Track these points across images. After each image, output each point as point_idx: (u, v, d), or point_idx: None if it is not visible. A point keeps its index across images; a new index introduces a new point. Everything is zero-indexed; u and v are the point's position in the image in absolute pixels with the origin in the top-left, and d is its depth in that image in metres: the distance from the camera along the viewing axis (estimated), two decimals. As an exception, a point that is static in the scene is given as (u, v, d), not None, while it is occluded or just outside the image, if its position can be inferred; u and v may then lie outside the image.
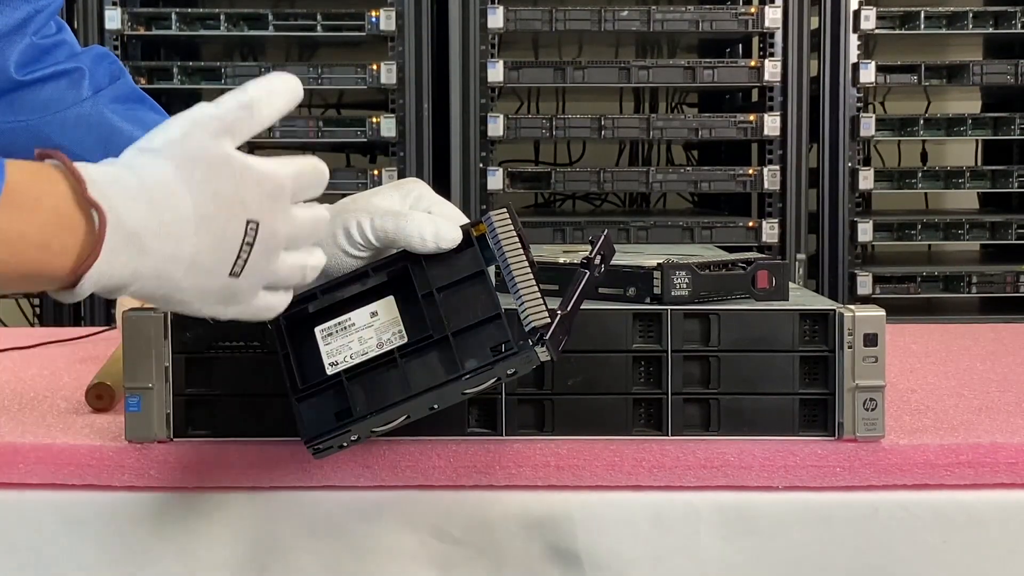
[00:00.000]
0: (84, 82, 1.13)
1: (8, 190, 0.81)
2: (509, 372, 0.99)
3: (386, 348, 1.00)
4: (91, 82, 1.14)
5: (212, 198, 0.87)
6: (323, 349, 1.01)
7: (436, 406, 0.99)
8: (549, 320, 0.97)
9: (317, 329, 1.02)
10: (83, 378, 1.35)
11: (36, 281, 0.84)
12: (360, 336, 1.01)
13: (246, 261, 0.90)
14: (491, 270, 1.03)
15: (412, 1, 2.99)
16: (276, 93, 0.91)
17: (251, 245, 0.90)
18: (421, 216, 1.03)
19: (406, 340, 1.00)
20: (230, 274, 0.89)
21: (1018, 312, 3.04)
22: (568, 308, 0.99)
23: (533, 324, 0.97)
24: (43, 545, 1.07)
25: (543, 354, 0.97)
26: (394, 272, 1.03)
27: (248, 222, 0.89)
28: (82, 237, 0.83)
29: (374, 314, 1.02)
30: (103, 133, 1.10)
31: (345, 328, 1.02)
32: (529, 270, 1.00)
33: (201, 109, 0.89)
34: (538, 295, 0.99)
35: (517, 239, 1.01)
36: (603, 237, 1.04)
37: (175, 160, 0.87)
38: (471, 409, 1.10)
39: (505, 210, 1.02)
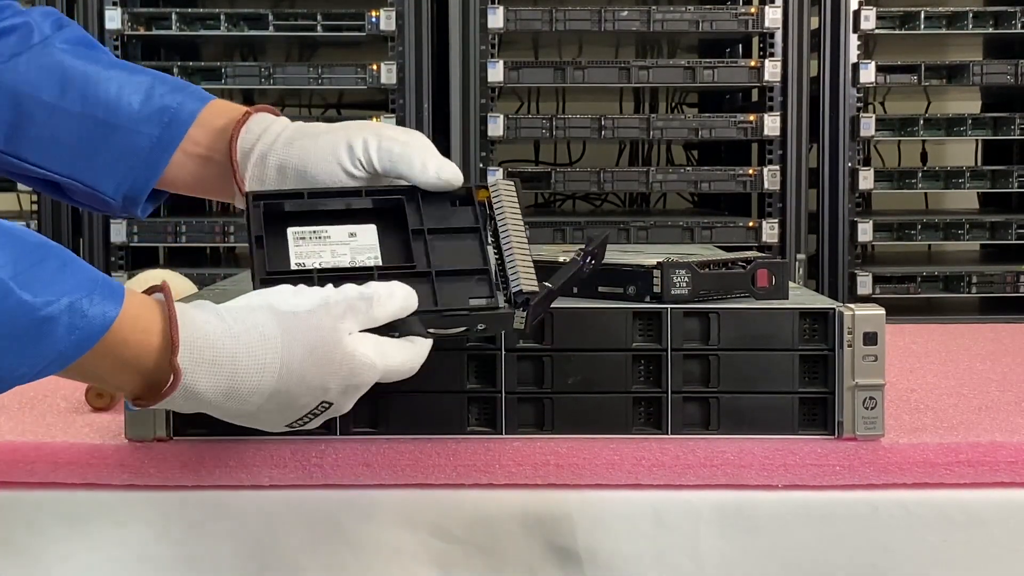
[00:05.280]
0: (33, 32, 1.15)
1: (109, 333, 0.90)
2: (480, 327, 0.99)
3: (359, 264, 1.00)
4: (39, 31, 1.15)
5: (299, 381, 0.95)
6: (292, 249, 1.00)
7: (397, 333, 0.99)
8: (537, 289, 0.98)
9: (291, 230, 1.01)
10: (83, 377, 1.35)
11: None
12: (334, 250, 1.01)
13: (305, 423, 0.99)
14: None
15: (412, 1, 2.99)
16: (395, 296, 0.97)
17: (316, 415, 0.98)
18: (428, 147, 1.05)
19: (380, 263, 1.00)
20: (286, 425, 0.99)
21: (1018, 312, 3.04)
22: (556, 287, 1.00)
23: (522, 287, 0.97)
24: (43, 545, 1.07)
25: (520, 320, 0.97)
26: (386, 203, 1.02)
27: (322, 402, 0.97)
28: (152, 386, 0.94)
29: (353, 235, 1.01)
30: (57, 74, 1.12)
31: (320, 238, 1.01)
32: (526, 242, 1.00)
33: (329, 291, 0.96)
34: (532, 264, 0.99)
35: (519, 212, 1.01)
36: (603, 239, 1.05)
37: (290, 334, 0.94)
38: (471, 408, 1.10)
39: (513, 183, 1.02)
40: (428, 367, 1.07)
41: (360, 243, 1.01)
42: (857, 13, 3.02)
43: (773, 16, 3.01)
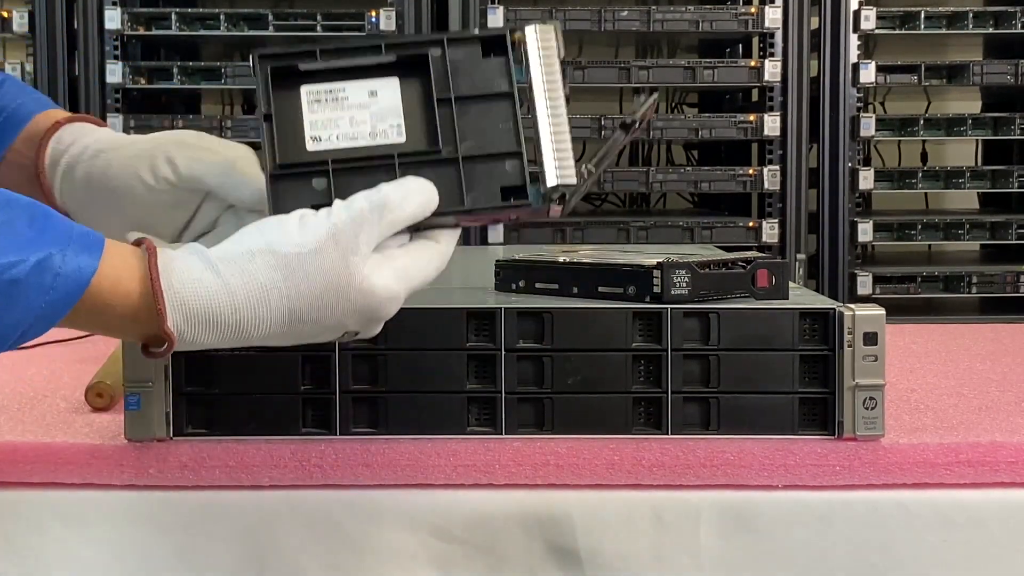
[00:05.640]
0: None
1: (90, 295, 0.85)
2: (512, 217, 0.93)
3: (380, 141, 0.91)
4: None
5: (313, 324, 0.90)
6: (307, 118, 0.92)
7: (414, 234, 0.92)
8: (575, 182, 0.89)
9: (304, 88, 0.92)
10: (83, 378, 1.35)
11: None
12: (352, 116, 0.92)
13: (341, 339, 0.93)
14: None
15: (412, 1, 2.99)
16: (411, 200, 0.90)
17: (345, 339, 0.93)
18: (252, 160, 1.03)
19: (403, 139, 0.91)
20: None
21: (1018, 312, 3.04)
22: (598, 171, 0.92)
23: (561, 182, 0.90)
24: (43, 545, 1.07)
25: (556, 210, 0.90)
26: (409, 56, 0.92)
27: (346, 332, 0.92)
28: (155, 340, 0.89)
29: (373, 93, 0.92)
30: None
31: (337, 99, 0.92)
32: (565, 112, 0.90)
33: (339, 216, 0.88)
34: (570, 144, 0.89)
35: (557, 70, 0.91)
36: (650, 100, 0.98)
37: (295, 279, 0.88)
38: (471, 408, 1.10)
39: (552, 28, 0.94)
40: (428, 367, 1.08)
41: (381, 105, 0.91)
42: (857, 13, 3.02)
43: (773, 16, 3.01)
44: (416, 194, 0.90)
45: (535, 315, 1.09)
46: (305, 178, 0.91)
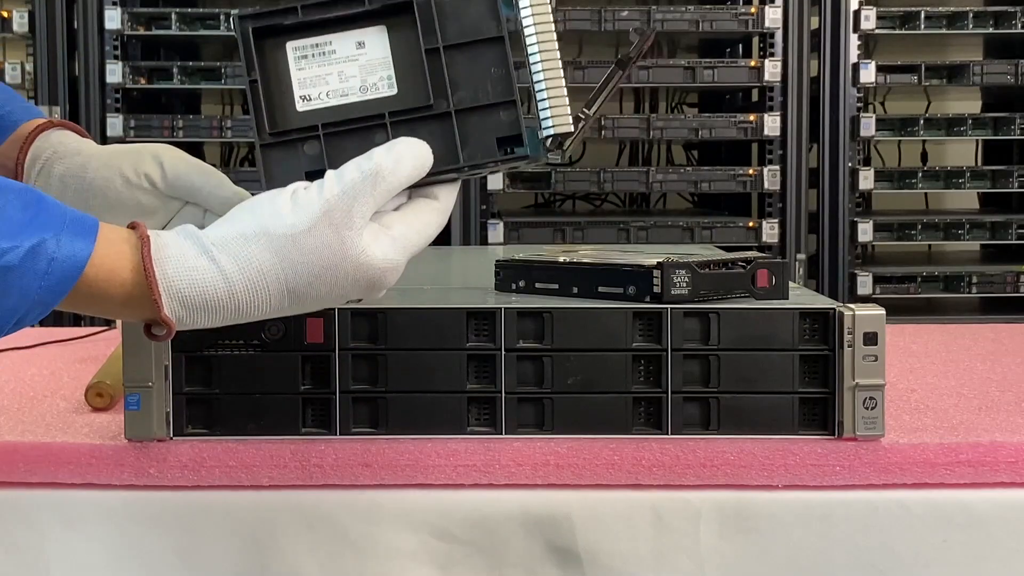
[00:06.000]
0: None
1: (85, 282, 0.84)
2: (509, 167, 0.90)
3: (371, 95, 0.89)
4: None
5: (314, 300, 0.89)
6: (295, 76, 0.89)
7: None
8: (572, 129, 0.87)
9: (290, 45, 0.89)
10: (83, 378, 1.35)
11: None
12: (341, 71, 0.89)
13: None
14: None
15: (412, 1, 2.99)
16: (404, 164, 0.89)
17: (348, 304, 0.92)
18: (223, 176, 1.05)
19: (395, 92, 0.89)
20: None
21: (1018, 312, 3.04)
22: (594, 112, 0.90)
23: (558, 130, 0.87)
24: (43, 545, 1.07)
25: (555, 158, 0.88)
26: (393, 7, 0.89)
27: (349, 301, 0.92)
28: (156, 323, 0.88)
29: (360, 44, 0.89)
30: None
31: (324, 53, 0.89)
32: (558, 55, 0.88)
33: (331, 191, 0.87)
34: (566, 93, 0.87)
35: (549, 9, 0.90)
36: (647, 34, 0.96)
37: (290, 260, 0.87)
38: (471, 408, 1.10)
39: None
40: (428, 367, 1.08)
41: (370, 57, 0.89)
42: (857, 13, 3.03)
43: (773, 16, 3.01)
44: (409, 158, 0.89)
45: (535, 315, 1.09)
46: (297, 145, 0.89)
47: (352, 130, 0.89)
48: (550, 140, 0.87)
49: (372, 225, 0.89)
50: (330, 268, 0.88)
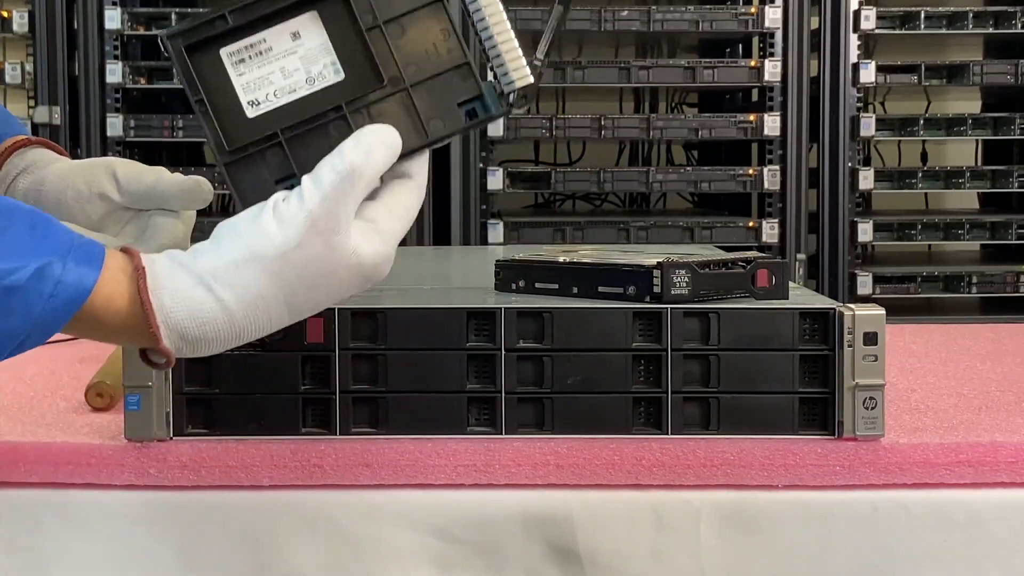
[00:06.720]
0: None
1: (86, 307, 0.84)
2: (478, 127, 0.89)
3: (319, 85, 0.86)
4: None
5: (313, 308, 0.89)
6: (237, 83, 0.86)
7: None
8: (532, 79, 0.86)
9: (224, 51, 0.85)
10: (83, 378, 1.35)
11: None
12: (283, 67, 0.86)
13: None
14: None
15: (412, 1, 2.99)
16: (376, 154, 0.87)
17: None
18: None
19: (343, 77, 0.86)
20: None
21: (1018, 312, 3.04)
22: (544, 56, 0.89)
23: (519, 84, 0.86)
24: (43, 545, 1.07)
25: (519, 110, 0.87)
26: None
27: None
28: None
29: (295, 35, 0.86)
30: None
31: (261, 52, 0.86)
32: (503, 10, 0.87)
33: (312, 200, 0.86)
34: (516, 42, 0.86)
35: None
36: None
37: (286, 278, 0.87)
38: (471, 408, 1.10)
39: None
40: (428, 367, 1.08)
41: (308, 46, 0.85)
42: (857, 13, 3.02)
43: (773, 16, 3.01)
44: (379, 147, 0.87)
45: (535, 315, 1.09)
46: (259, 156, 0.87)
47: (312, 128, 0.87)
48: (513, 95, 0.86)
49: (358, 223, 0.88)
50: (325, 276, 0.87)
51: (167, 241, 1.02)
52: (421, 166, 0.91)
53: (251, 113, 0.86)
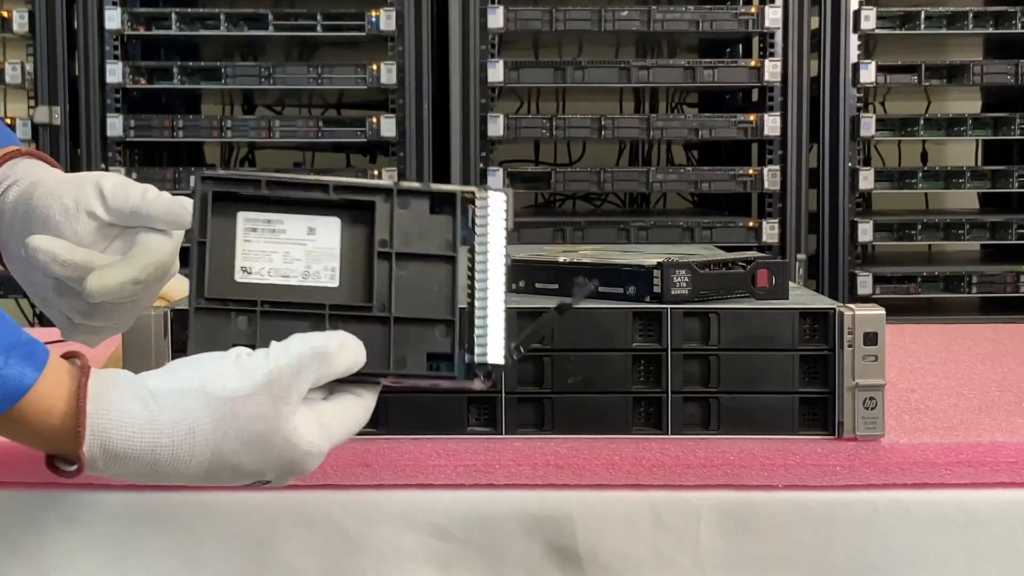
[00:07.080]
0: None
1: (17, 410, 0.85)
2: (431, 383, 0.92)
3: (312, 283, 0.89)
4: None
5: (232, 470, 0.88)
6: (240, 246, 0.89)
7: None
8: (504, 363, 0.90)
9: (242, 215, 0.89)
10: (83, 377, 1.35)
11: None
12: (287, 252, 0.89)
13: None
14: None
15: (412, 1, 2.99)
16: (346, 352, 0.89)
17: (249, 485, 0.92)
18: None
19: (336, 285, 0.89)
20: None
21: (1018, 312, 3.04)
22: (525, 350, 0.93)
23: (489, 360, 0.90)
24: (43, 545, 1.07)
25: (479, 385, 0.90)
26: (354, 203, 0.90)
27: (258, 481, 0.91)
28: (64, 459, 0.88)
29: (312, 231, 0.90)
30: None
31: (274, 231, 0.89)
32: (504, 290, 0.90)
33: (278, 360, 0.87)
34: (503, 329, 0.90)
35: (505, 239, 0.92)
36: (586, 289, 0.98)
37: (224, 424, 0.87)
38: (471, 408, 1.10)
39: (505, 197, 0.92)
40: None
41: (318, 245, 0.90)
42: (857, 13, 3.02)
43: (773, 16, 3.01)
44: (349, 350, 0.89)
45: (535, 315, 1.09)
46: (230, 315, 0.89)
47: (288, 313, 0.89)
48: (482, 368, 0.89)
49: (304, 408, 0.89)
50: (259, 438, 0.87)
51: (154, 260, 1.00)
52: (373, 392, 0.92)
53: (239, 277, 0.89)
